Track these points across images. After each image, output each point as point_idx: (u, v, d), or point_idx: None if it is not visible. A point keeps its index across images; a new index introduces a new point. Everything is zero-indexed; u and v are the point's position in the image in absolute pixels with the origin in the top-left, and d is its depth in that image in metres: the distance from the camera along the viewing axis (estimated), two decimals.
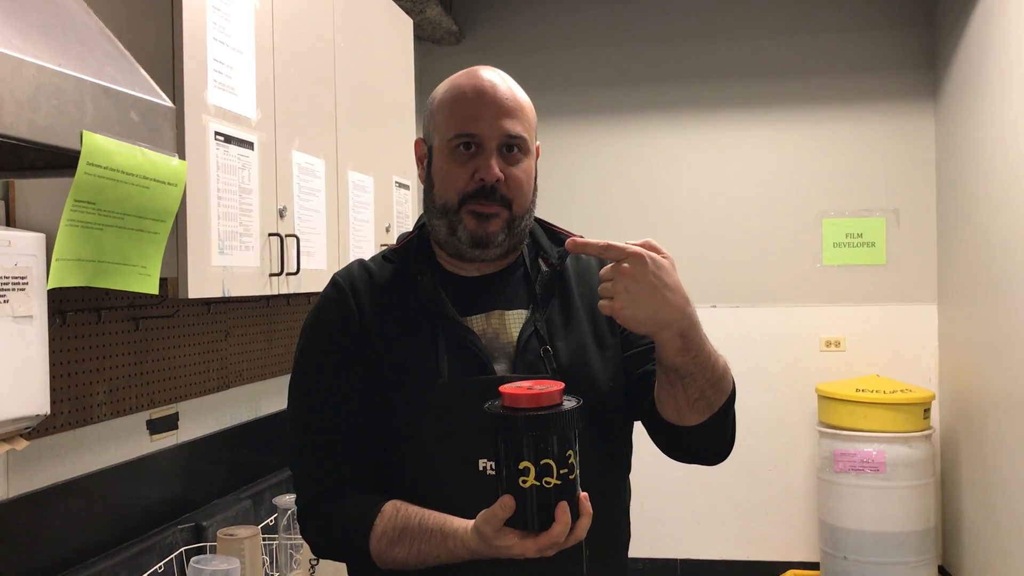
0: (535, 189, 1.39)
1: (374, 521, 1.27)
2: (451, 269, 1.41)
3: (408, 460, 1.32)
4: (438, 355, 1.31)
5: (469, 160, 1.33)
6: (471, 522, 1.17)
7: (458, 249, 1.36)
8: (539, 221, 1.48)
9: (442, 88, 1.39)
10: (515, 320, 1.36)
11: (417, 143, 1.44)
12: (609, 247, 1.15)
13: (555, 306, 1.38)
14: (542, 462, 1.08)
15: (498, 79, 1.36)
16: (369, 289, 1.39)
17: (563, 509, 1.09)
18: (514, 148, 1.34)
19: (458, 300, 1.36)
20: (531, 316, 1.35)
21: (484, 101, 1.33)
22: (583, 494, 1.12)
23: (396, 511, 1.27)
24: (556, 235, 1.46)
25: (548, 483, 1.09)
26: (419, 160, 1.43)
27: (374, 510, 1.28)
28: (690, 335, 1.18)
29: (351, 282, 1.40)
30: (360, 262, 1.45)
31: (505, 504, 1.10)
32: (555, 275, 1.40)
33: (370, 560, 1.28)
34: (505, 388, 1.13)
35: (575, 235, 1.44)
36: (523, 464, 1.09)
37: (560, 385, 1.14)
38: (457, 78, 1.38)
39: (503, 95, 1.34)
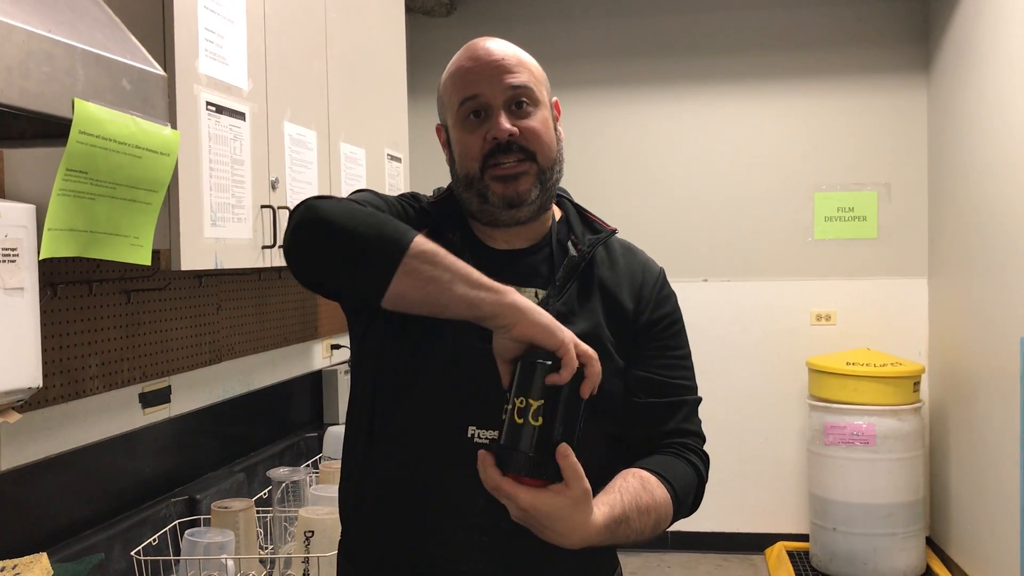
0: (559, 140, 1.38)
1: (414, 234, 1.14)
2: (480, 237, 1.40)
3: (399, 417, 1.31)
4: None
5: (480, 125, 1.32)
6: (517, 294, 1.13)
7: (492, 215, 1.35)
8: (575, 205, 1.48)
9: (446, 70, 1.39)
10: (530, 296, 1.34)
11: (438, 129, 1.44)
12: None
13: (574, 290, 1.37)
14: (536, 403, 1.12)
15: (493, 43, 1.36)
16: (419, 219, 1.38)
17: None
18: (523, 102, 1.33)
19: (479, 268, 1.35)
20: (548, 295, 1.34)
21: (482, 63, 1.33)
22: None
23: (452, 260, 1.15)
24: (591, 223, 1.45)
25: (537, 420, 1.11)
26: (443, 145, 1.43)
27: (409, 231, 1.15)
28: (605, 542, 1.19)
29: (418, 205, 1.41)
30: (414, 194, 1.46)
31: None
32: (580, 260, 1.38)
33: (389, 271, 1.11)
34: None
35: (609, 227, 1.45)
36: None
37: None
38: (457, 55, 1.39)
39: (500, 54, 1.34)
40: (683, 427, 1.40)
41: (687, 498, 1.35)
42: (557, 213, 1.46)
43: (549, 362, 1.11)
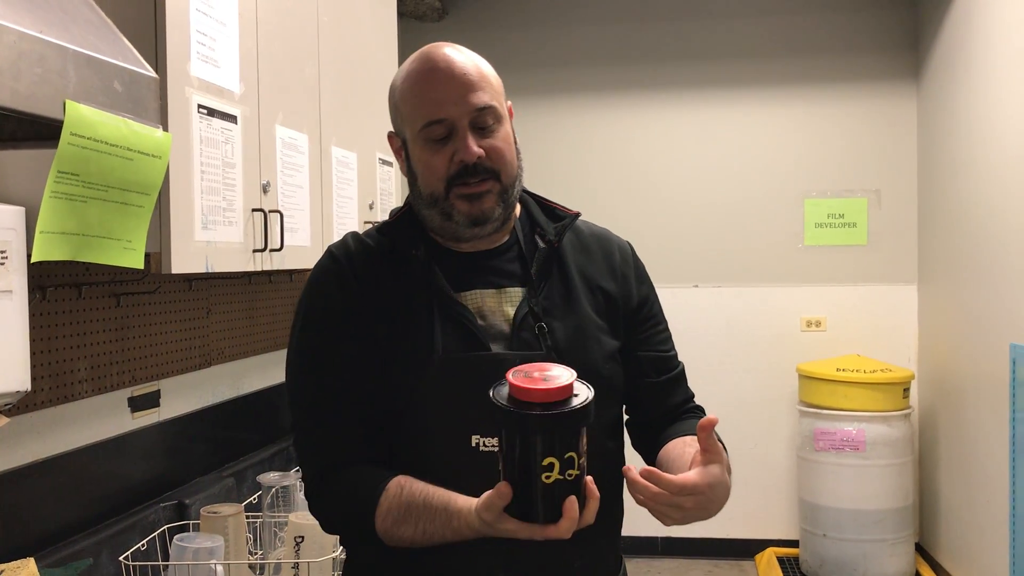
0: (518, 152, 1.37)
1: (379, 499, 1.25)
2: (444, 244, 1.39)
3: (402, 436, 1.30)
4: (433, 331, 1.30)
5: (445, 145, 1.30)
6: (476, 501, 1.16)
7: (455, 232, 1.34)
8: (535, 197, 1.46)
9: (400, 77, 1.35)
10: (511, 298, 1.34)
11: (390, 137, 1.41)
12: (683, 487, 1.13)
13: (554, 284, 1.36)
14: (545, 461, 1.05)
15: (452, 53, 1.32)
16: (364, 261, 1.37)
17: (571, 503, 1.07)
18: (487, 120, 1.31)
19: (451, 276, 1.34)
20: (527, 294, 1.34)
21: (443, 81, 1.29)
22: (588, 478, 1.10)
23: (401, 489, 1.25)
24: (552, 211, 1.44)
25: (549, 478, 1.05)
26: (396, 153, 1.40)
27: (379, 488, 1.26)
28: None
29: (347, 253, 1.38)
30: (354, 234, 1.43)
31: (502, 492, 1.08)
32: (552, 252, 1.38)
33: (377, 538, 1.26)
34: (515, 380, 1.07)
35: (572, 211, 1.43)
36: (526, 460, 1.05)
37: (570, 378, 1.08)
38: (412, 64, 1.34)
39: (461, 69, 1.30)
40: (687, 395, 1.49)
41: None
42: (517, 209, 1.44)
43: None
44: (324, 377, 1.33)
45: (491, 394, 1.09)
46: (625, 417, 1.47)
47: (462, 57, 1.32)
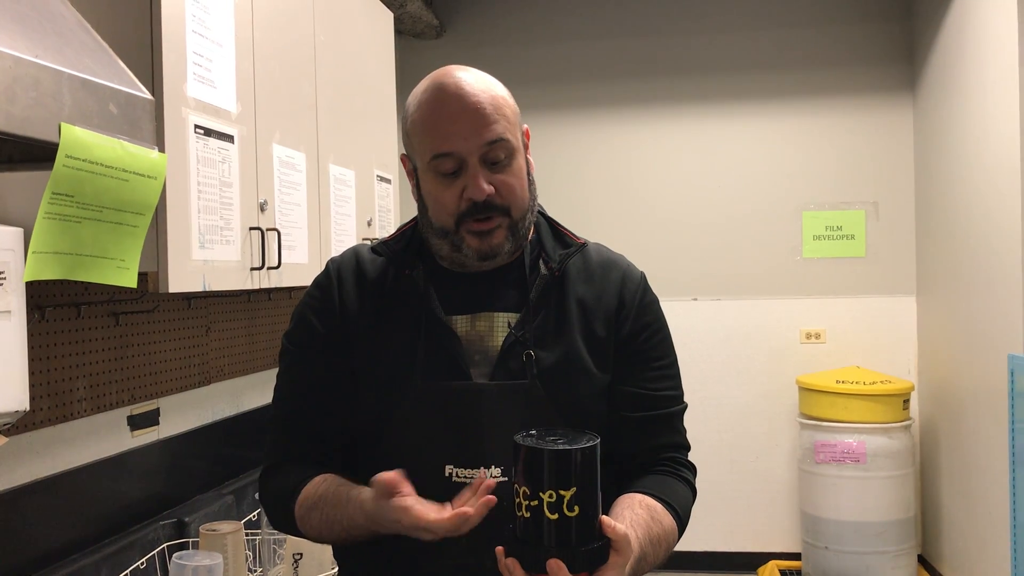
0: (532, 182, 1.34)
1: (302, 489, 1.30)
2: (445, 264, 1.37)
3: (377, 460, 1.28)
4: (415, 355, 1.29)
5: (455, 181, 1.27)
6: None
7: (463, 263, 1.33)
8: (548, 220, 1.43)
9: (412, 104, 1.31)
10: (502, 324, 1.32)
11: (403, 159, 1.38)
12: None
13: (550, 312, 1.33)
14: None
15: (465, 80, 1.27)
16: (355, 279, 1.38)
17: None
18: (499, 154, 1.27)
19: (447, 297, 1.34)
20: (519, 321, 1.31)
21: (455, 113, 1.25)
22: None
23: (323, 481, 1.29)
24: (562, 237, 1.41)
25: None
26: (408, 175, 1.38)
27: (305, 480, 1.31)
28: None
29: (339, 270, 1.40)
30: (356, 250, 1.43)
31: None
32: (553, 280, 1.34)
33: (298, 528, 1.32)
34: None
35: (580, 239, 1.41)
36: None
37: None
38: (424, 92, 1.30)
39: (473, 100, 1.25)
40: (671, 440, 1.38)
41: (687, 519, 1.34)
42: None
43: (590, 444, 1.05)
44: (294, 384, 1.39)
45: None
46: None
47: (476, 85, 1.27)
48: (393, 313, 1.34)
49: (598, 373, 1.33)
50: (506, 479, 1.22)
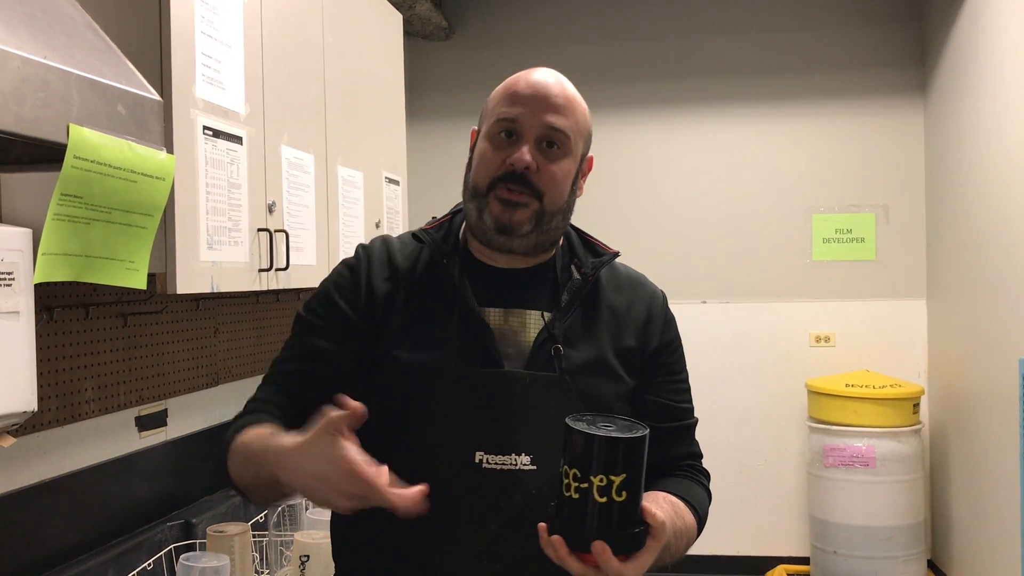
0: (572, 193, 1.37)
1: (237, 437, 1.29)
2: (480, 258, 1.39)
3: (405, 444, 1.29)
4: (447, 342, 1.30)
5: (507, 147, 1.31)
6: (294, 441, 1.13)
7: (485, 234, 1.34)
8: (576, 230, 1.47)
9: (503, 82, 1.39)
10: (535, 321, 1.34)
11: (472, 133, 1.43)
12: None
13: (579, 315, 1.36)
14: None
15: (552, 77, 1.36)
16: (387, 264, 1.38)
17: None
18: (555, 144, 1.31)
19: (481, 289, 1.35)
20: (552, 320, 1.34)
21: (531, 91, 1.33)
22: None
23: (261, 430, 1.26)
24: (593, 247, 1.45)
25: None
26: (471, 149, 1.42)
27: (254, 424, 1.29)
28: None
29: (369, 255, 1.40)
30: (384, 238, 1.45)
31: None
32: (585, 284, 1.38)
33: (228, 470, 1.31)
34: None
35: (612, 249, 1.45)
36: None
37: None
38: (519, 72, 1.38)
39: (552, 90, 1.33)
40: (690, 450, 1.45)
41: (706, 519, 1.39)
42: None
43: (643, 434, 1.08)
44: (296, 350, 1.39)
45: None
46: None
47: (562, 83, 1.36)
48: (425, 301, 1.35)
49: (625, 377, 1.37)
50: (535, 468, 1.26)
